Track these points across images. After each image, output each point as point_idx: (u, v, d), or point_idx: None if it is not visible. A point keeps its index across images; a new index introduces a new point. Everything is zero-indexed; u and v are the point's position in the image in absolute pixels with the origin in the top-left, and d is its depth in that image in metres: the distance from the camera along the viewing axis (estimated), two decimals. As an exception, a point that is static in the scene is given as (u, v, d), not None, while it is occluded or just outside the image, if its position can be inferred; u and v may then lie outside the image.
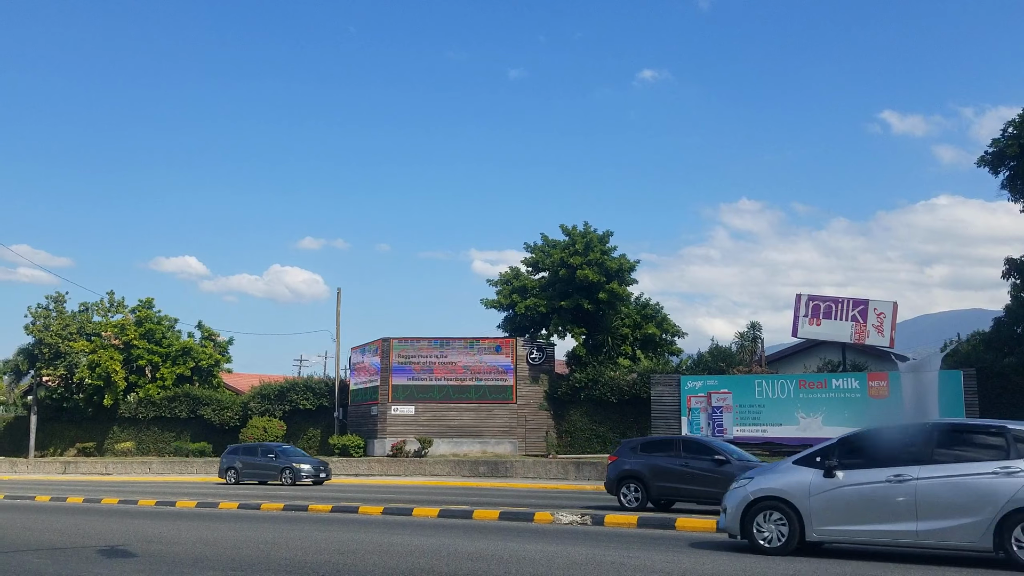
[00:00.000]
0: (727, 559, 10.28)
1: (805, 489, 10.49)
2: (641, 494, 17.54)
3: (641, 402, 35.60)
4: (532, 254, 41.41)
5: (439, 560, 9.87)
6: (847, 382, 31.30)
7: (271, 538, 12.30)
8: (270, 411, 43.26)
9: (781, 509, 10.62)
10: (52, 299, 48.04)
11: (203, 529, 13.73)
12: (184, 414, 45.49)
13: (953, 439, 10.23)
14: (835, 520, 10.25)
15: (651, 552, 10.82)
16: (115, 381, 44.51)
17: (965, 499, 9.53)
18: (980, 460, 9.70)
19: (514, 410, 38.20)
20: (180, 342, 47.93)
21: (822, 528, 10.35)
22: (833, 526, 10.29)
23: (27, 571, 9.25)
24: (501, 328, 41.89)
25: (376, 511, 17.20)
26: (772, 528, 10.68)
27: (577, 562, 9.77)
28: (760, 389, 32.32)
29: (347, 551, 10.73)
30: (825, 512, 10.28)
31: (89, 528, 14.05)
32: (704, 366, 37.06)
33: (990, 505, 9.36)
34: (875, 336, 32.85)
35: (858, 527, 10.16)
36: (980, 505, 9.43)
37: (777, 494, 10.74)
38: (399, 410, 38.49)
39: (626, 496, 17.72)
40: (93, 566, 9.63)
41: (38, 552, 10.94)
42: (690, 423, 33.11)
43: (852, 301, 33.65)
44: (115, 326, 47.36)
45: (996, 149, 31.95)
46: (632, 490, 17.68)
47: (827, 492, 10.29)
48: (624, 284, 38.96)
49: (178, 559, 10.16)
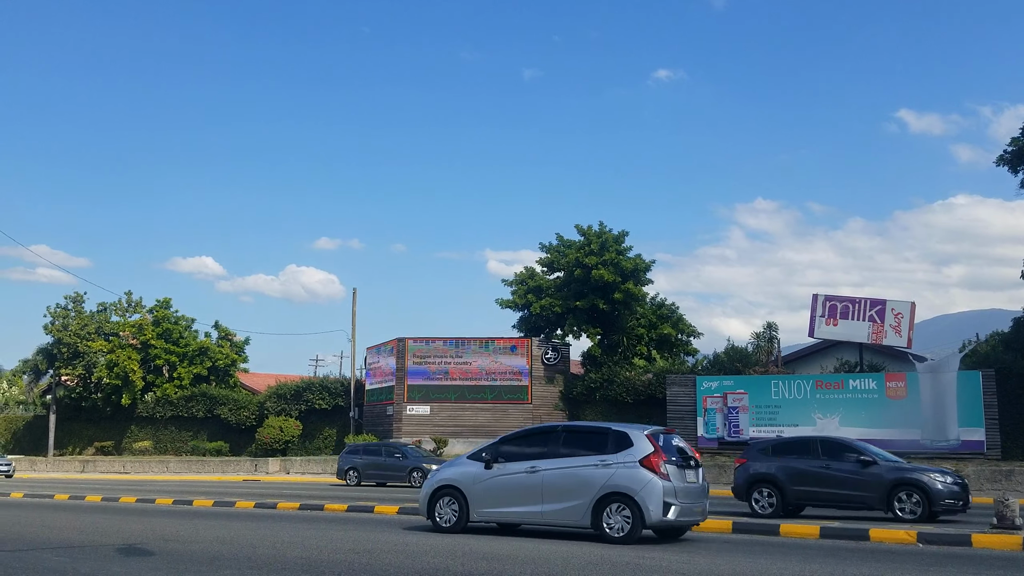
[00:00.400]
0: (744, 559, 10.23)
1: (471, 479, 12.72)
2: (776, 499, 16.29)
3: (657, 402, 35.51)
4: (547, 254, 41.38)
5: (454, 560, 9.87)
6: (864, 383, 31.09)
7: (287, 537, 12.34)
8: (286, 411, 43.45)
9: (454, 495, 12.85)
10: (71, 299, 48.45)
11: (220, 528, 13.79)
12: (201, 413, 45.76)
13: (573, 438, 12.51)
14: (490, 504, 12.53)
15: (667, 552, 10.78)
16: (133, 380, 44.82)
17: (573, 486, 11.75)
18: (587, 455, 11.93)
19: (529, 410, 38.18)
20: (197, 342, 48.21)
21: (481, 510, 12.60)
22: (489, 508, 12.57)
23: (46, 569, 9.32)
24: (516, 328, 41.89)
25: (391, 510, 17.23)
26: (447, 511, 12.85)
27: (592, 562, 9.75)
28: (776, 390, 32.16)
29: (363, 550, 10.75)
30: (484, 497, 12.55)
31: (107, 526, 14.14)
32: (720, 366, 36.91)
33: (589, 491, 11.57)
34: (892, 336, 32.61)
35: (505, 509, 12.47)
36: (583, 491, 11.62)
37: (451, 483, 12.97)
38: (414, 410, 38.56)
39: (759, 502, 16.45)
40: (111, 564, 9.69)
41: (57, 550, 11.01)
42: (706, 424, 32.99)
43: (869, 301, 33.41)
44: (133, 326, 47.69)
45: (1015, 148, 31.66)
46: (766, 495, 16.43)
47: (485, 481, 12.56)
48: (639, 284, 38.87)
49: (195, 557, 10.21)
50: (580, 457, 11.94)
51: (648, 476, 11.31)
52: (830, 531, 13.13)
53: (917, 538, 12.33)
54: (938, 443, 29.22)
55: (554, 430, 13.04)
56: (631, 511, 11.31)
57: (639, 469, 11.38)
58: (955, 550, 11.56)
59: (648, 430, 12.03)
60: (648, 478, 11.30)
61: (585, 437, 12.54)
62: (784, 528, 13.44)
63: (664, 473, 11.36)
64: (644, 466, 11.39)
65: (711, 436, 32.71)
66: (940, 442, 29.21)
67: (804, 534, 13.11)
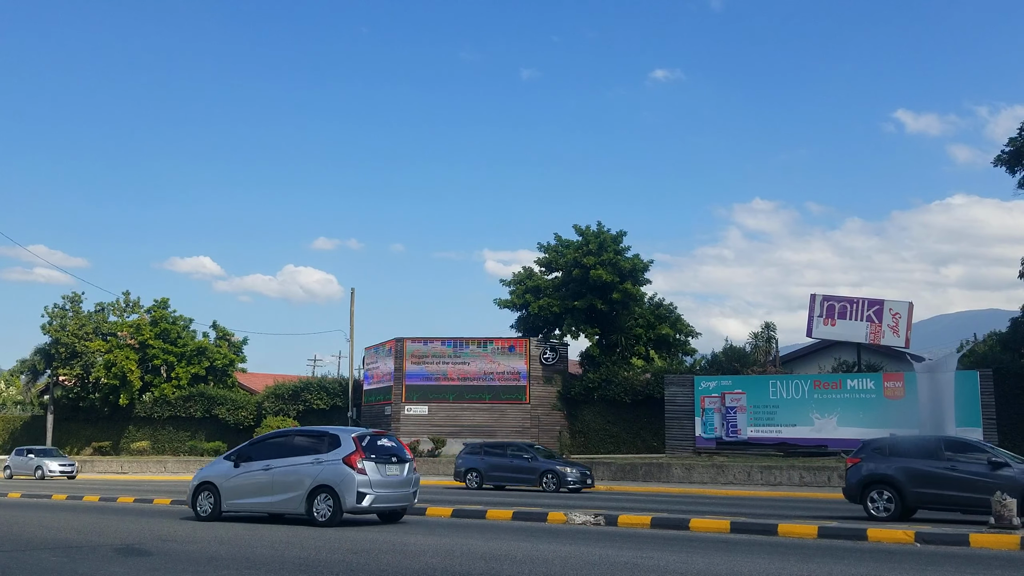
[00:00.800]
0: (743, 559, 10.24)
1: (223, 477, 14.91)
2: (895, 502, 15.43)
3: (655, 402, 35.53)
4: (545, 254, 41.40)
5: (452, 560, 9.87)
6: (862, 383, 31.13)
7: (285, 537, 12.33)
8: (284, 411, 43.45)
9: (211, 490, 14.91)
10: (68, 299, 48.39)
11: (218, 528, 13.77)
12: (199, 413, 45.73)
13: (301, 441, 14.74)
14: (236, 497, 14.71)
15: (665, 552, 10.78)
16: (131, 381, 44.80)
17: (294, 480, 14.02)
18: (308, 454, 14.17)
19: (527, 410, 38.18)
20: (195, 342, 48.19)
21: (229, 502, 14.75)
22: (235, 500, 14.73)
23: (44, 569, 9.31)
24: (515, 328, 41.90)
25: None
26: (205, 503, 14.92)
27: (591, 562, 9.75)
28: (774, 389, 32.19)
29: (361, 550, 10.75)
30: (231, 492, 14.72)
31: (105, 526, 14.13)
32: (718, 366, 36.95)
33: (305, 484, 13.85)
34: (890, 336, 32.66)
35: (247, 500, 14.63)
36: (301, 484, 13.91)
37: (208, 480, 15.06)
38: (412, 410, 38.55)
39: (875, 503, 15.60)
40: (109, 564, 9.68)
41: (54, 550, 11.00)
42: (704, 423, 33.01)
43: (867, 301, 33.46)
44: (131, 326, 47.65)
45: (1013, 148, 31.73)
46: (883, 497, 15.58)
47: (232, 479, 14.76)
48: (637, 284, 38.89)
49: (193, 558, 10.20)
50: (302, 456, 14.25)
51: (347, 471, 13.65)
52: (828, 531, 13.13)
53: (915, 538, 12.34)
54: (936, 443, 29.22)
55: (288, 434, 15.58)
56: (333, 500, 13.63)
57: (341, 466, 13.72)
58: (953, 550, 11.57)
59: (356, 433, 14.35)
60: (347, 473, 13.64)
61: (309, 440, 14.69)
62: (782, 528, 13.44)
63: (361, 468, 13.67)
64: (346, 463, 13.72)
65: (709, 436, 32.72)
66: (938, 442, 29.21)
67: (802, 534, 13.12)
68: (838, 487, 26.68)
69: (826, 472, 27.65)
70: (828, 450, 30.59)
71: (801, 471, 27.98)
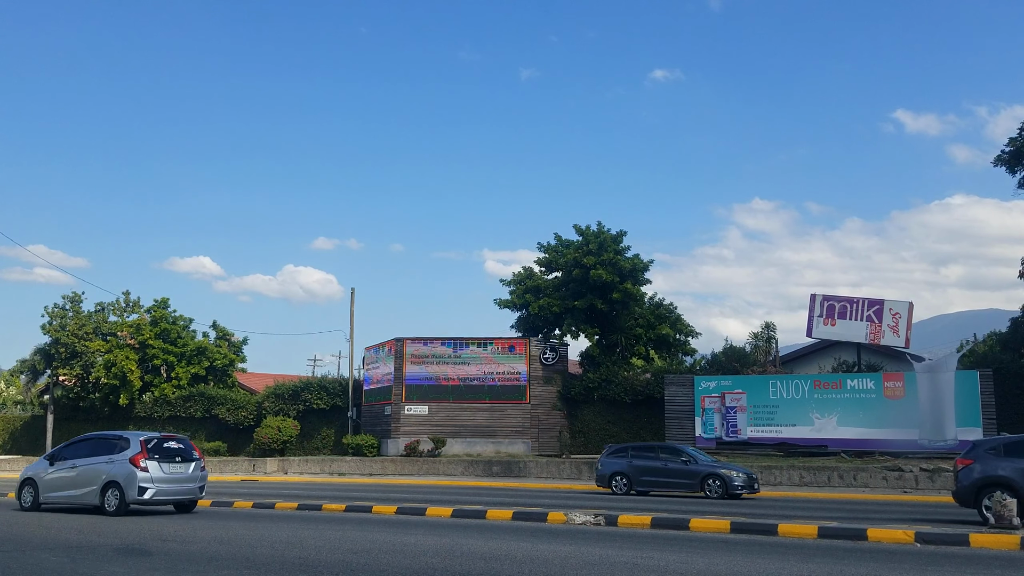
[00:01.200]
0: (743, 559, 10.24)
1: (41, 473, 17.66)
2: (1016, 506, 14.05)
3: (655, 402, 35.54)
4: (545, 254, 41.38)
5: (452, 560, 9.88)
6: (862, 382, 31.14)
7: (285, 537, 12.34)
8: (284, 411, 43.42)
9: (32, 485, 17.66)
10: (68, 299, 48.31)
11: (218, 528, 13.78)
12: (199, 413, 45.71)
13: (102, 443, 17.46)
14: (50, 491, 17.40)
15: (664, 552, 10.79)
16: (131, 380, 44.76)
17: (92, 477, 16.71)
18: (104, 455, 16.90)
19: (527, 410, 38.17)
20: (195, 342, 48.14)
21: (46, 495, 17.43)
22: (50, 494, 17.40)
23: (45, 569, 9.32)
24: (514, 328, 41.88)
25: (389, 510, 17.22)
26: (28, 496, 17.66)
27: (591, 562, 9.76)
28: (774, 389, 32.20)
29: (361, 550, 10.76)
30: (47, 486, 17.46)
31: (104, 527, 14.13)
32: (718, 366, 36.95)
33: (99, 480, 16.56)
34: (890, 336, 32.67)
35: (58, 494, 17.30)
36: (96, 480, 16.62)
37: (30, 476, 17.82)
38: (412, 410, 38.55)
39: (991, 509, 14.21)
40: (109, 564, 9.69)
41: (55, 550, 11.01)
42: (704, 423, 33.02)
43: (867, 301, 33.47)
44: (131, 326, 47.60)
45: (1013, 148, 31.75)
46: None
47: (48, 475, 17.54)
48: (637, 284, 38.87)
49: (193, 558, 10.21)
50: (100, 457, 16.97)
51: (132, 469, 16.30)
52: (828, 531, 13.14)
53: (915, 538, 12.35)
54: (936, 443, 29.29)
55: (92, 438, 18.20)
56: (120, 493, 16.27)
57: (127, 464, 16.38)
58: (953, 550, 11.57)
59: (144, 437, 17.02)
60: (131, 470, 16.29)
61: (109, 443, 17.34)
62: (782, 528, 13.45)
63: (144, 467, 16.33)
64: (131, 463, 16.37)
65: (709, 436, 32.72)
66: (938, 442, 29.27)
67: (802, 534, 13.12)
68: (839, 487, 26.73)
69: (826, 472, 27.65)
70: (828, 450, 30.60)
71: (801, 471, 27.99)
